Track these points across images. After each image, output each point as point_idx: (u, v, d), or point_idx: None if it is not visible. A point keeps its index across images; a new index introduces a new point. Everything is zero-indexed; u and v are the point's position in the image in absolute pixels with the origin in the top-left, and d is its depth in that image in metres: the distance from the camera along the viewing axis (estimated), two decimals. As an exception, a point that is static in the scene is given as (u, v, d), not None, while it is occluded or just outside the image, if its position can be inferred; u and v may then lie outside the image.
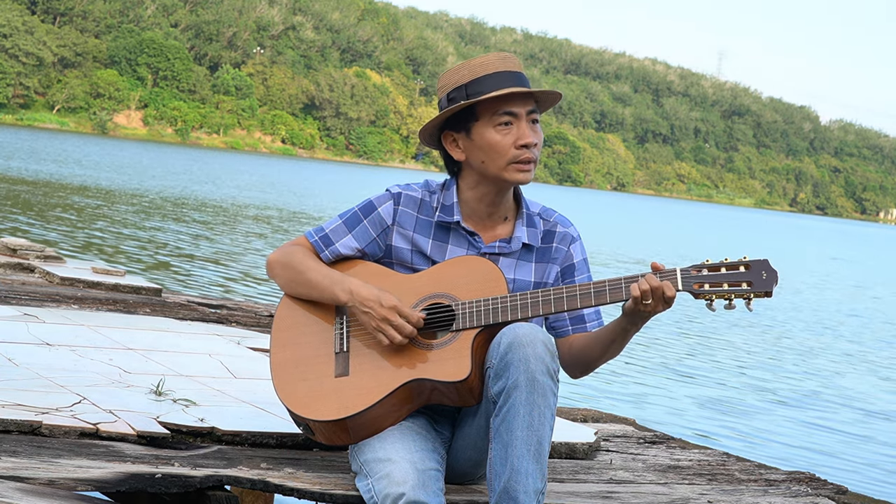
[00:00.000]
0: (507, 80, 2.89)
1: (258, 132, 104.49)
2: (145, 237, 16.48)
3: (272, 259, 3.01)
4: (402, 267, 2.98)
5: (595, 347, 2.93)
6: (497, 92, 2.86)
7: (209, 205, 25.84)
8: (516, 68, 2.93)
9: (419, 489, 2.64)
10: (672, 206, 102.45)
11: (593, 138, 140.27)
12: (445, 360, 2.79)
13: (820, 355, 13.39)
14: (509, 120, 2.89)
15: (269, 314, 5.98)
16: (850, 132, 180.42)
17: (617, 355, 2.99)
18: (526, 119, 2.91)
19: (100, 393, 3.42)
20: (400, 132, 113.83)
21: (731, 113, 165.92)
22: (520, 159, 2.89)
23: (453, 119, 2.95)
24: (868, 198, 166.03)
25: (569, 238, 3.03)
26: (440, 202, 2.99)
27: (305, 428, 2.90)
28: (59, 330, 4.39)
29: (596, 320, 3.02)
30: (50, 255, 6.82)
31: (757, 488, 3.54)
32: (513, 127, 2.90)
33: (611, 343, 2.91)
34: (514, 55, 2.98)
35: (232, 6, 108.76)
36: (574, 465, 3.54)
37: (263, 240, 19.05)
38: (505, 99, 2.89)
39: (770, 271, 2.74)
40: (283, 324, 2.98)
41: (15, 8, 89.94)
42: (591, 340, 2.95)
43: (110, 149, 57.98)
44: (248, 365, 4.27)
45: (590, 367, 2.98)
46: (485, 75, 2.89)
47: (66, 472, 2.66)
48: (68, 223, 16.84)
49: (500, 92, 2.86)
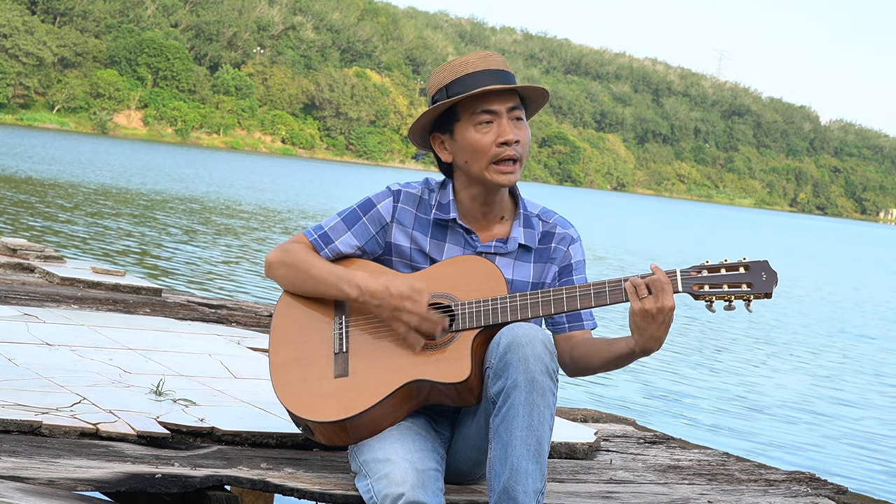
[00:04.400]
0: (487, 79, 2.86)
1: (258, 132, 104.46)
2: (145, 237, 16.48)
3: (272, 258, 2.99)
4: (401, 264, 2.98)
5: (597, 357, 2.91)
6: (474, 90, 2.84)
7: (210, 204, 25.84)
8: (498, 66, 2.90)
9: (418, 489, 2.64)
10: (672, 206, 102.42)
11: (593, 138, 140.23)
12: (445, 361, 2.79)
13: (820, 355, 13.39)
14: (489, 118, 2.88)
15: (268, 314, 5.97)
16: (850, 132, 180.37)
17: (612, 370, 2.97)
18: (507, 116, 2.88)
19: (100, 393, 3.42)
20: (400, 132, 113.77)
21: (731, 113, 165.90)
22: (501, 157, 2.87)
23: (438, 121, 2.94)
24: (868, 198, 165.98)
25: (568, 239, 3.02)
26: (437, 200, 2.99)
27: (305, 428, 2.89)
28: (59, 330, 4.39)
29: (591, 320, 3.01)
30: (50, 255, 6.82)
31: (757, 488, 3.54)
32: (493, 125, 2.88)
33: (615, 358, 2.88)
34: (497, 53, 2.95)
35: (232, 6, 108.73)
36: (574, 465, 3.54)
37: (263, 239, 19.04)
38: (483, 97, 2.87)
39: (770, 272, 2.74)
40: (282, 323, 2.97)
41: (15, 8, 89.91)
42: (594, 351, 2.92)
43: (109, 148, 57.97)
44: (248, 365, 4.27)
45: (585, 373, 2.97)
46: (465, 75, 2.88)
47: (66, 472, 2.66)
48: (68, 223, 16.83)
49: (477, 90, 2.84)
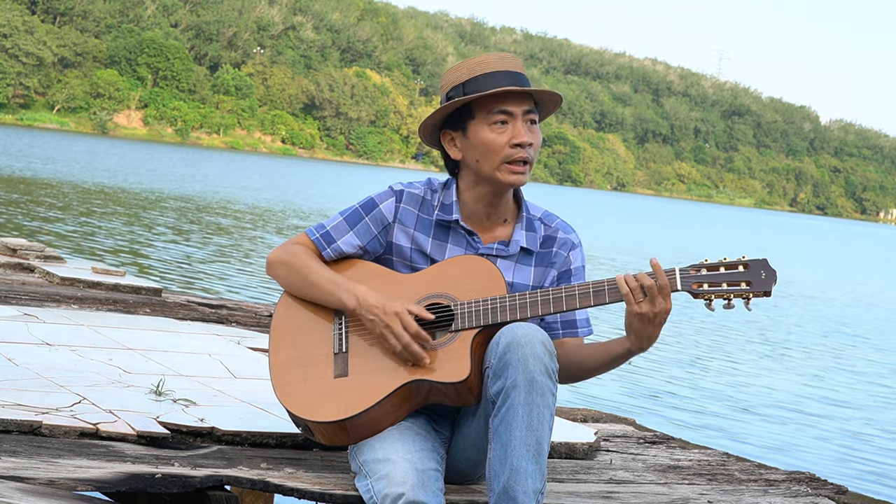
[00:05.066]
0: (504, 79, 2.88)
1: (258, 132, 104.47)
2: (145, 237, 16.48)
3: (273, 258, 2.99)
4: (401, 264, 2.98)
5: (592, 360, 2.90)
6: (492, 90, 2.85)
7: (209, 204, 25.84)
8: (515, 68, 2.91)
9: (418, 489, 2.64)
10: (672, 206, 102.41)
11: (593, 138, 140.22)
12: (445, 361, 2.79)
13: (820, 355, 13.39)
14: (505, 119, 2.88)
15: (268, 314, 5.97)
16: (850, 132, 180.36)
17: (608, 372, 2.96)
18: (522, 119, 2.89)
19: (100, 393, 3.42)
20: (400, 132, 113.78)
21: (731, 113, 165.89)
22: (513, 159, 2.88)
23: (451, 118, 2.94)
24: (868, 198, 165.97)
25: (569, 244, 3.02)
26: (440, 201, 2.99)
27: (305, 428, 2.89)
28: (59, 330, 4.39)
29: (587, 328, 3.00)
30: (50, 255, 6.82)
31: (757, 488, 3.54)
32: (508, 126, 2.89)
33: (611, 359, 2.88)
34: (514, 55, 2.97)
35: (232, 6, 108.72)
36: (574, 465, 3.54)
37: (264, 239, 19.05)
38: (500, 97, 2.88)
39: (769, 271, 2.73)
40: (282, 324, 2.97)
41: (15, 8, 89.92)
42: (588, 353, 2.92)
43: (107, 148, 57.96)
44: (248, 365, 4.27)
45: (578, 378, 2.95)
46: (482, 74, 2.88)
47: (66, 472, 2.66)
48: (68, 223, 16.84)
49: (496, 90, 2.85)
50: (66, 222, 16.95)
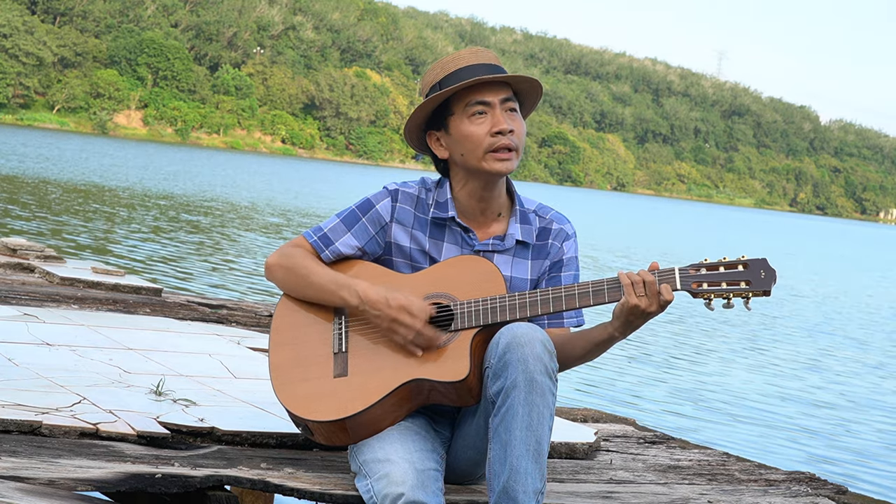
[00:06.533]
0: (478, 72, 2.90)
1: (258, 132, 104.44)
2: (145, 237, 16.48)
3: (271, 262, 2.99)
4: (402, 264, 2.98)
5: (576, 347, 2.91)
6: (465, 82, 2.87)
7: (209, 204, 25.84)
8: (489, 60, 2.94)
9: (418, 489, 2.64)
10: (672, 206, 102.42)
11: (593, 138, 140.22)
12: (444, 360, 2.79)
13: (819, 355, 13.39)
14: (483, 109, 2.90)
15: (268, 314, 5.97)
16: (850, 132, 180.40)
17: (593, 360, 2.97)
18: (500, 107, 2.90)
19: (100, 393, 3.42)
20: (400, 132, 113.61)
21: (731, 113, 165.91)
22: (496, 147, 2.89)
23: (433, 118, 2.96)
24: (868, 198, 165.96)
25: (563, 234, 3.03)
26: (435, 199, 3.00)
27: (304, 428, 2.90)
28: (59, 330, 4.39)
29: (574, 318, 3.00)
30: (50, 255, 6.82)
31: (757, 488, 3.54)
32: (487, 116, 2.90)
33: (594, 346, 2.89)
34: (488, 49, 2.99)
35: (232, 6, 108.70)
36: (574, 465, 3.54)
37: (264, 239, 19.05)
38: (475, 89, 2.90)
39: (768, 270, 2.74)
40: (282, 324, 2.97)
41: (15, 8, 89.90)
42: (572, 340, 2.92)
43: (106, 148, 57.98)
44: (248, 365, 4.27)
45: (562, 366, 2.94)
46: (456, 70, 2.91)
47: (66, 472, 2.66)
48: (68, 223, 16.84)
49: (469, 81, 2.87)
50: (67, 222, 16.95)
